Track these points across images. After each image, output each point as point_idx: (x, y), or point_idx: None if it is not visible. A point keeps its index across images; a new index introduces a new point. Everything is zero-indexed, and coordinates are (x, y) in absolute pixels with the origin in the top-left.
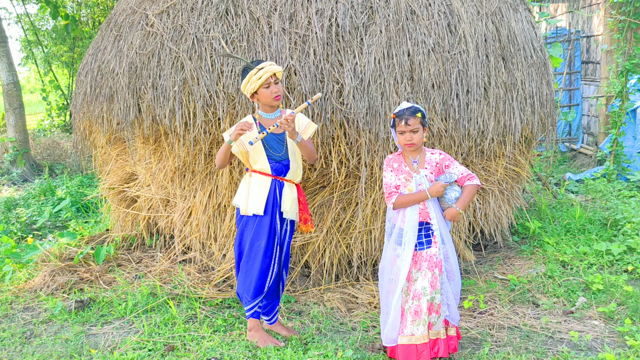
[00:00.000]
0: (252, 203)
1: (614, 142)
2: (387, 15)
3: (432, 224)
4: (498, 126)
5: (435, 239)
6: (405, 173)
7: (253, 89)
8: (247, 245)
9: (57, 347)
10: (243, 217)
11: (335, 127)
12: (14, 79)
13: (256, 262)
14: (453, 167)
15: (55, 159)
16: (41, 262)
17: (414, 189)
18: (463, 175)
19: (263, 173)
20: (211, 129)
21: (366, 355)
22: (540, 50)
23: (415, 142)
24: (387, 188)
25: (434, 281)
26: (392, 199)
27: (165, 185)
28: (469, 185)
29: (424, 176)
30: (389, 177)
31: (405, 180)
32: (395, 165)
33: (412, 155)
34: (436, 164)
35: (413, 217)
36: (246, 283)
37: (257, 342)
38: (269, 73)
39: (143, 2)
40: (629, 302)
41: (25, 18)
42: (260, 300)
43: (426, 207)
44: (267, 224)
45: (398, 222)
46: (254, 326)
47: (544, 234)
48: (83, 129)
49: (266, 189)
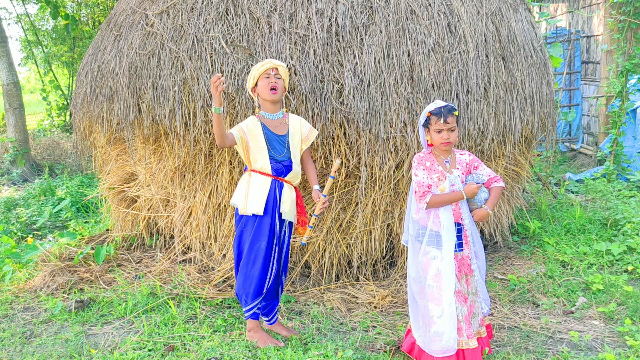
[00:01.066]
0: (251, 203)
1: (614, 142)
2: (387, 15)
3: (464, 225)
4: (498, 126)
5: (467, 240)
6: (438, 172)
7: (254, 78)
8: (246, 246)
9: (57, 347)
10: (242, 217)
11: (335, 127)
12: (14, 79)
13: (256, 263)
14: (481, 168)
15: (55, 159)
16: (41, 262)
17: (447, 189)
18: (490, 177)
19: (263, 173)
20: (211, 129)
21: (366, 355)
22: (540, 50)
23: (452, 140)
24: (420, 187)
25: (470, 284)
26: (426, 198)
27: (165, 185)
28: (496, 187)
29: (457, 176)
30: (421, 176)
31: (437, 180)
32: (428, 164)
33: (444, 155)
34: (467, 165)
35: (449, 217)
36: (246, 284)
37: (256, 342)
38: (270, 64)
39: (143, 2)
40: (629, 302)
41: (25, 18)
42: (259, 301)
43: (459, 207)
44: (267, 225)
45: (429, 223)
46: (254, 327)
47: (544, 234)
48: (83, 129)
49: (266, 189)
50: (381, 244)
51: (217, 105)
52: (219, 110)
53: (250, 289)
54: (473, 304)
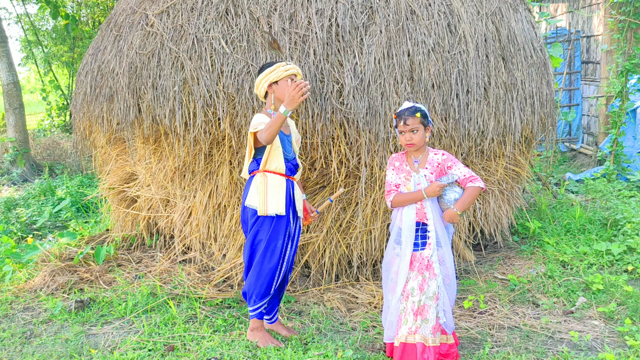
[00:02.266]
0: (272, 203)
1: (614, 142)
2: (387, 15)
3: (428, 225)
4: (498, 126)
5: (429, 241)
6: (405, 172)
7: (277, 77)
8: (262, 245)
9: (57, 347)
10: (259, 217)
11: (335, 127)
12: (14, 79)
13: (272, 262)
14: (455, 168)
15: (55, 159)
16: (41, 262)
17: (412, 188)
18: (465, 177)
19: (278, 173)
20: (211, 129)
21: (366, 355)
22: (540, 50)
23: (415, 142)
24: (387, 186)
25: (422, 284)
26: (390, 197)
27: (165, 185)
28: (470, 187)
29: (423, 176)
30: (390, 175)
31: (405, 179)
32: (397, 164)
33: (414, 154)
34: (437, 165)
35: (410, 216)
36: (258, 284)
37: (257, 342)
38: (296, 70)
39: (143, 2)
40: (629, 302)
41: (25, 18)
42: (267, 301)
43: (423, 207)
44: (284, 224)
45: (397, 220)
46: (258, 326)
47: (544, 234)
48: (83, 129)
49: (284, 188)
50: (381, 244)
51: (290, 109)
52: (288, 113)
53: (261, 289)
54: (427, 308)
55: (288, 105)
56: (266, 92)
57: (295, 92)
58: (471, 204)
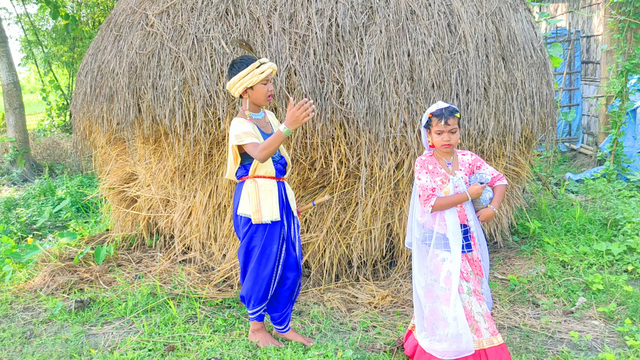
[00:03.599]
0: (266, 211)
1: (614, 142)
2: (387, 15)
3: (470, 226)
4: (498, 126)
5: (474, 241)
6: (441, 175)
7: (253, 82)
8: (257, 251)
9: (57, 347)
10: (252, 225)
11: (335, 127)
12: (14, 79)
13: (267, 267)
14: (484, 167)
15: (55, 159)
16: (41, 262)
17: (451, 191)
18: (494, 175)
19: (268, 177)
20: (211, 129)
21: (366, 355)
22: (540, 50)
23: (453, 142)
24: (423, 190)
25: (476, 286)
26: (430, 202)
27: (165, 185)
28: (500, 185)
29: (460, 178)
30: (424, 179)
31: (441, 182)
32: (431, 167)
33: (445, 156)
34: (469, 165)
35: (454, 219)
36: (255, 288)
37: (258, 342)
38: (271, 69)
39: (143, 2)
40: (629, 302)
41: (25, 18)
42: (265, 304)
43: (464, 209)
44: (279, 228)
45: (435, 226)
46: (258, 328)
47: (544, 234)
48: (83, 129)
49: (276, 193)
50: (381, 244)
51: (292, 129)
52: (289, 133)
53: (259, 293)
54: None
55: (290, 125)
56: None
57: (300, 112)
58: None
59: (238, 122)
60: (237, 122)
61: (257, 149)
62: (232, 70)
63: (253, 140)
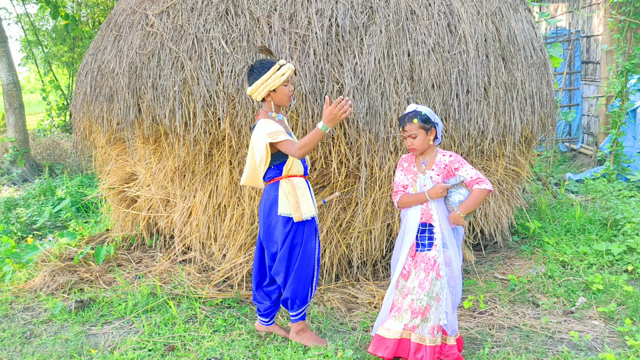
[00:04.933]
0: (305, 208)
1: (614, 142)
2: (387, 15)
3: (434, 227)
4: (498, 126)
5: (436, 242)
6: (412, 173)
7: (275, 85)
8: (300, 249)
9: (57, 347)
10: (293, 224)
11: (335, 127)
12: (14, 79)
13: (310, 263)
14: (462, 170)
15: (55, 159)
16: (41, 262)
17: (419, 189)
18: (472, 178)
19: (299, 175)
20: (211, 129)
21: (366, 355)
22: (540, 50)
23: (416, 147)
24: (395, 186)
25: (424, 283)
26: (396, 197)
27: (165, 185)
28: (476, 189)
29: (429, 177)
30: (398, 176)
31: (412, 180)
32: (405, 165)
33: (421, 156)
34: (445, 166)
35: (414, 217)
36: (299, 288)
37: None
38: (290, 70)
39: (143, 2)
40: (629, 302)
41: (25, 18)
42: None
43: (429, 208)
44: (314, 223)
45: (404, 221)
46: (303, 327)
47: (544, 234)
48: (83, 129)
49: (308, 189)
50: (381, 244)
51: (330, 126)
52: (327, 130)
53: (303, 292)
54: (429, 308)
55: (329, 122)
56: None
57: (337, 109)
58: (476, 207)
59: (267, 122)
60: (265, 122)
61: (295, 146)
62: (252, 75)
63: (287, 137)
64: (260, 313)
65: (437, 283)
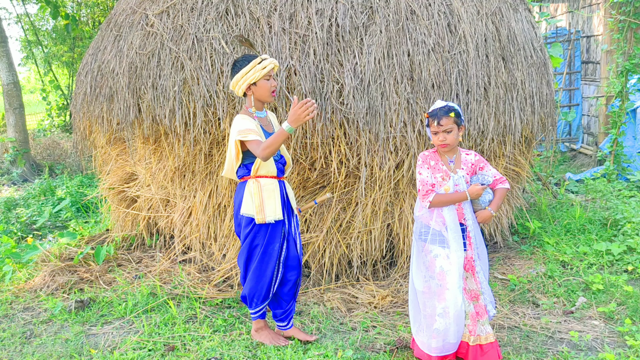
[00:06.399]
0: (269, 210)
1: (614, 142)
2: (387, 15)
3: (467, 225)
4: (498, 126)
5: (470, 241)
6: (442, 172)
7: (255, 78)
8: (260, 250)
9: (57, 347)
10: (255, 225)
11: (335, 127)
12: (14, 79)
13: (269, 265)
14: (487, 169)
15: (55, 159)
16: (41, 262)
17: (451, 189)
18: (496, 178)
19: (270, 176)
20: (211, 129)
21: (366, 355)
22: (540, 50)
23: (449, 142)
24: (423, 185)
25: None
26: (429, 197)
27: (165, 185)
28: (501, 188)
29: (461, 177)
30: (425, 174)
31: (441, 179)
32: (432, 163)
33: (448, 154)
34: (472, 165)
35: (453, 217)
36: (258, 287)
37: (263, 340)
38: (272, 64)
39: (143, 2)
40: (629, 302)
41: (25, 18)
42: (267, 302)
43: (462, 208)
44: (280, 227)
45: (432, 222)
46: (262, 326)
47: (544, 234)
48: (83, 129)
49: (278, 192)
50: (381, 244)
51: (295, 127)
52: (292, 131)
53: (261, 292)
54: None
55: (293, 123)
56: (244, 92)
57: (302, 111)
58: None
59: (242, 118)
60: (241, 118)
61: (260, 147)
62: (235, 69)
63: (256, 137)
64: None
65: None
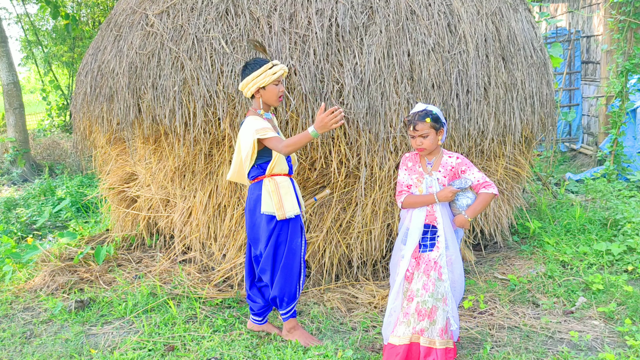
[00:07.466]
0: (288, 206)
1: (614, 142)
2: (387, 15)
3: (438, 229)
4: (498, 126)
5: (438, 244)
6: (417, 173)
7: (265, 82)
8: (285, 247)
9: (57, 347)
10: (276, 223)
11: (329, 133)
12: (14, 79)
13: (295, 261)
14: (469, 173)
15: (55, 159)
16: (41, 262)
17: (424, 190)
18: (479, 182)
19: (283, 174)
20: (211, 129)
21: (366, 355)
22: (540, 50)
23: (426, 146)
24: (398, 186)
25: (427, 285)
26: (401, 198)
27: (165, 185)
28: (483, 193)
29: (436, 179)
30: (402, 176)
31: (417, 180)
32: (410, 165)
33: (427, 157)
34: (451, 168)
35: (419, 218)
36: (287, 286)
37: (298, 340)
38: (282, 70)
39: (143, 2)
40: (629, 302)
41: (25, 18)
42: (297, 301)
43: (434, 210)
44: (299, 221)
45: (406, 221)
46: (295, 325)
47: (544, 234)
48: (83, 129)
49: (292, 188)
50: (381, 244)
51: (320, 132)
52: (317, 136)
53: (291, 290)
54: (435, 309)
55: (319, 129)
56: (253, 94)
57: (329, 119)
58: (483, 210)
59: (255, 119)
60: (253, 119)
61: (283, 143)
62: (245, 71)
63: (275, 134)
64: (254, 312)
65: (441, 284)
